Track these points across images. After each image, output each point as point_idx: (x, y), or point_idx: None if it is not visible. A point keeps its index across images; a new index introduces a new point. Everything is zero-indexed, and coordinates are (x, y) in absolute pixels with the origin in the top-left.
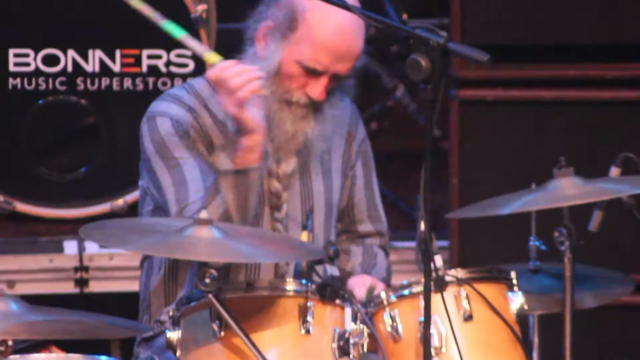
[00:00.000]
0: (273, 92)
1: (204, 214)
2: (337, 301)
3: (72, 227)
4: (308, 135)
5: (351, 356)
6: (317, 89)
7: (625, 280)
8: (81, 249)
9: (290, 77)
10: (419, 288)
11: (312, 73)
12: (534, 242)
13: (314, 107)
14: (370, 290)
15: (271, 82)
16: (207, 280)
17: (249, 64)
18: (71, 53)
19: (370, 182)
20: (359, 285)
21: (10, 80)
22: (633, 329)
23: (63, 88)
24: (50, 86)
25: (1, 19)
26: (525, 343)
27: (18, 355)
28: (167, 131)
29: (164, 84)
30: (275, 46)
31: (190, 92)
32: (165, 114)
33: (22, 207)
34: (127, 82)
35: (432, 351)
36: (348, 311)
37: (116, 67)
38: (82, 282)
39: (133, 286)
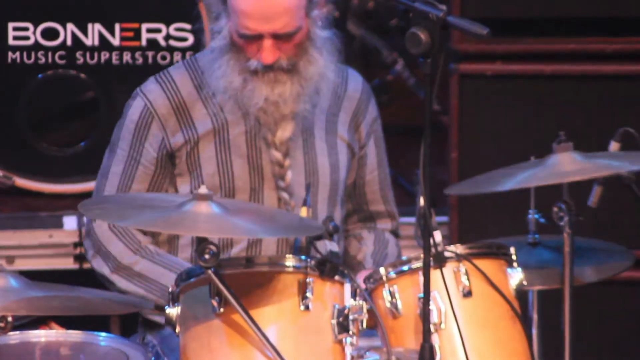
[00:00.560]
0: (234, 66)
1: (203, 189)
2: (337, 277)
3: (72, 202)
4: (287, 96)
5: (350, 332)
6: (264, 53)
7: (626, 254)
8: (81, 224)
9: (241, 47)
10: (418, 264)
11: (249, 39)
12: (533, 215)
13: (286, 69)
14: None
15: (229, 57)
16: (207, 256)
17: (213, 46)
18: (70, 27)
19: (382, 162)
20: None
21: (10, 54)
22: (633, 304)
23: (62, 62)
24: (50, 60)
25: None
26: (524, 319)
27: (17, 332)
28: (131, 116)
29: (164, 58)
30: (222, 20)
31: (189, 67)
32: (143, 96)
33: (21, 182)
34: (127, 56)
35: (432, 327)
36: (347, 287)
37: (115, 41)
38: (81, 258)
39: None
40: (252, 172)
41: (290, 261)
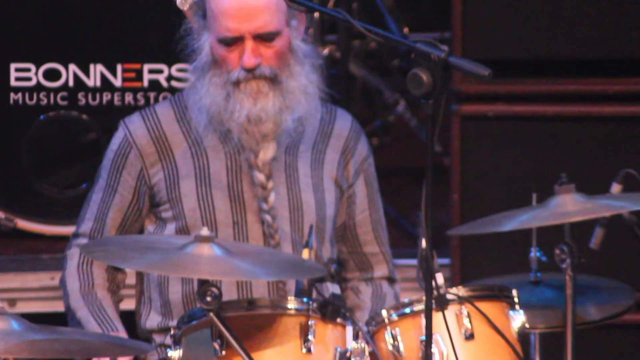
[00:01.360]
0: (216, 82)
1: (204, 231)
2: (339, 320)
3: None
4: (270, 110)
5: None
6: (245, 56)
7: (629, 292)
8: None
9: (222, 59)
10: (420, 306)
11: (231, 43)
12: (534, 253)
13: (268, 81)
14: None
15: (212, 74)
16: (208, 299)
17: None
18: (72, 67)
19: (374, 203)
20: None
21: (12, 95)
22: (636, 348)
23: (64, 103)
24: (52, 101)
25: (2, 32)
26: None
27: None
28: (112, 145)
29: (165, 98)
30: (203, 39)
31: (173, 102)
32: (125, 127)
33: (23, 224)
34: (129, 97)
35: None
36: (349, 330)
37: (117, 82)
38: None
39: (134, 304)
40: (234, 205)
41: (292, 303)
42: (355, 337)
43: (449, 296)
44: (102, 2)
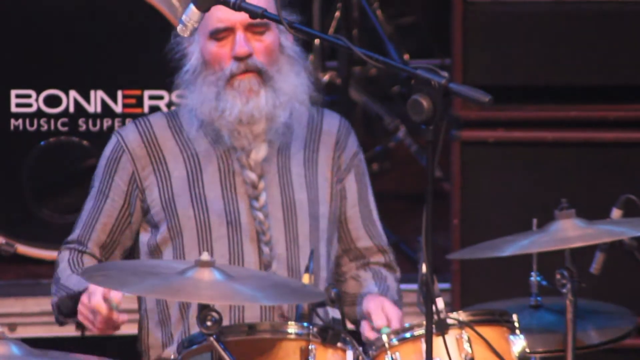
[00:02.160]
0: (208, 82)
1: (205, 256)
2: (339, 344)
3: None
4: (262, 107)
5: None
6: (237, 45)
7: (629, 317)
8: None
9: (214, 56)
10: (420, 331)
11: (222, 36)
12: (535, 278)
13: (258, 75)
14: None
15: (203, 76)
16: (209, 323)
17: (183, 81)
18: (73, 93)
19: (365, 197)
20: (377, 311)
21: (12, 121)
22: None
23: (65, 129)
24: (52, 127)
25: (3, 59)
26: None
27: None
28: (105, 152)
29: None
30: (193, 45)
31: (167, 113)
32: (118, 134)
33: (23, 249)
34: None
35: None
36: (350, 354)
37: (118, 108)
38: (83, 326)
39: (133, 329)
40: (227, 207)
41: (292, 328)
42: None
43: (449, 321)
44: (102, 29)
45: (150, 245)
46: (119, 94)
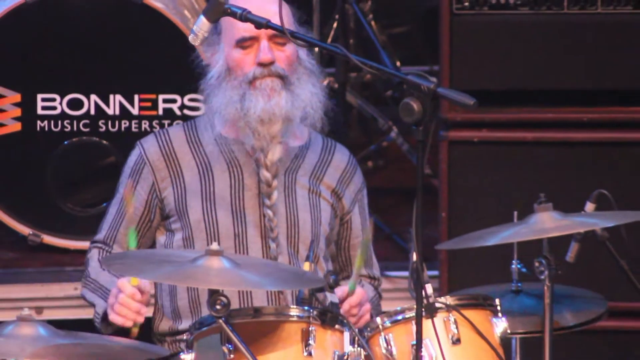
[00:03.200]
0: (232, 85)
1: (214, 246)
2: (337, 326)
3: None
4: (283, 106)
5: None
6: (261, 52)
7: (601, 301)
8: None
9: (238, 63)
10: (411, 314)
11: (248, 42)
12: (516, 266)
13: (280, 79)
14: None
15: (227, 81)
16: (218, 307)
17: (208, 86)
18: (94, 97)
19: (366, 228)
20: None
21: (38, 122)
22: (608, 352)
23: (86, 130)
24: (75, 128)
25: (30, 66)
26: None
27: None
28: (129, 162)
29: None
30: (217, 54)
31: (186, 125)
32: (140, 146)
33: (49, 239)
34: (145, 124)
35: None
36: (346, 335)
37: (135, 111)
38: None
39: (149, 312)
40: (235, 220)
41: (294, 311)
42: (352, 342)
43: (437, 305)
44: (120, 40)
45: (166, 245)
46: (136, 97)
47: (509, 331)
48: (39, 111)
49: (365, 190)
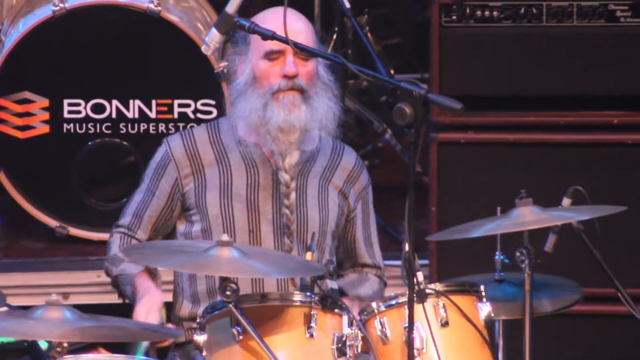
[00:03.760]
0: (257, 93)
1: (225, 237)
2: (336, 310)
3: None
4: (302, 119)
5: (347, 356)
6: (287, 66)
7: (576, 289)
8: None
9: (264, 73)
10: (403, 299)
11: (275, 55)
12: (499, 256)
13: (301, 93)
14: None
15: (253, 88)
16: (228, 293)
17: (234, 92)
18: (115, 102)
19: (367, 224)
20: None
21: (65, 125)
22: (582, 334)
23: (108, 132)
24: (98, 130)
25: (57, 74)
26: (492, 345)
27: (72, 355)
28: (156, 157)
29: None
30: (245, 63)
31: (209, 126)
32: (166, 143)
33: (74, 231)
34: (162, 127)
35: (415, 352)
36: (345, 318)
37: (152, 114)
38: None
39: (166, 297)
40: (250, 216)
41: (297, 297)
42: (350, 325)
43: (427, 291)
44: (139, 50)
45: (185, 234)
46: (153, 102)
47: (492, 315)
48: (66, 115)
49: (370, 188)
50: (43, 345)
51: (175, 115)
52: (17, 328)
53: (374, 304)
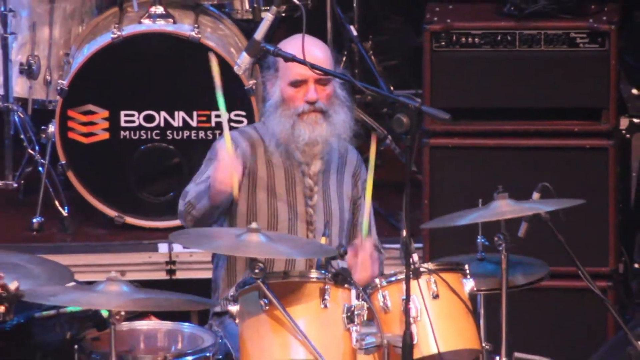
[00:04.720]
0: (285, 114)
1: (254, 225)
2: (346, 285)
3: (164, 234)
4: (324, 135)
5: (355, 323)
6: (309, 93)
7: (544, 266)
8: (170, 248)
9: (290, 98)
10: (402, 276)
11: (299, 84)
12: (480, 240)
13: (322, 114)
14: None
15: (282, 110)
16: (257, 271)
17: (266, 110)
18: (163, 113)
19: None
20: (364, 266)
21: (122, 132)
22: (549, 304)
23: (157, 138)
24: (149, 136)
25: (115, 90)
26: (475, 314)
27: (128, 322)
28: (221, 143)
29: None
30: (274, 87)
31: (254, 128)
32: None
33: (130, 220)
34: (202, 134)
35: (411, 320)
36: (353, 292)
37: (194, 123)
38: (171, 272)
39: (207, 274)
40: (288, 207)
41: (314, 274)
42: (357, 297)
43: (421, 269)
44: (183, 69)
45: (232, 213)
46: (194, 113)
47: (475, 289)
48: (122, 124)
49: (363, 170)
50: (104, 313)
51: (213, 124)
52: (83, 299)
53: (377, 280)
